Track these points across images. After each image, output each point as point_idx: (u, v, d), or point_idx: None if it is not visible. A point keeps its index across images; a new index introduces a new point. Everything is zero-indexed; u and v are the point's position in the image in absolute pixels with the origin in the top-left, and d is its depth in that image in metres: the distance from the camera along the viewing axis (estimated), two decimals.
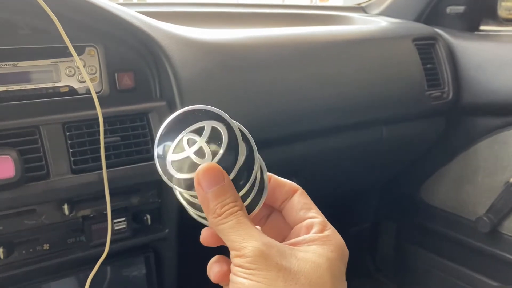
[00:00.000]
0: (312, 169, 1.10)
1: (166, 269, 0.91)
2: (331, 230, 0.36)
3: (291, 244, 0.36)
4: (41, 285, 0.79)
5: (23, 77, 0.72)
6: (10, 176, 0.65)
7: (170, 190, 0.80)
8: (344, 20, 1.34)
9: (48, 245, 0.75)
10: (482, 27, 1.34)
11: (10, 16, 0.71)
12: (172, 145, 0.35)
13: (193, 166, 0.35)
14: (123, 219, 0.78)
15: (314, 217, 0.37)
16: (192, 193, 0.35)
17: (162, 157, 0.35)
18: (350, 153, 1.15)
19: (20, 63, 0.72)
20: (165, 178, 0.35)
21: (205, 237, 0.38)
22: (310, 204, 0.38)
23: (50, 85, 0.74)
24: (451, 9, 1.31)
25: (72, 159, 0.71)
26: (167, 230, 0.85)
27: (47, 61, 0.74)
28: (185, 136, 0.35)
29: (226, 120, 0.35)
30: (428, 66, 1.18)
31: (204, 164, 0.35)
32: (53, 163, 0.70)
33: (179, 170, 0.35)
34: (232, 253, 0.34)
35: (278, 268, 0.32)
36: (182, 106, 0.80)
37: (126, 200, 0.79)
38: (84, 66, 0.76)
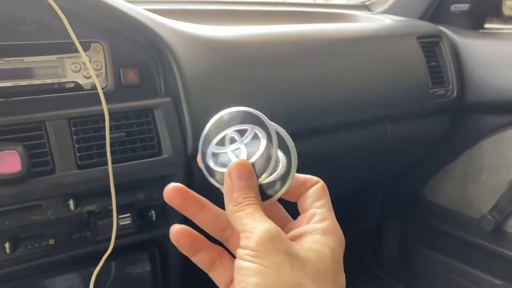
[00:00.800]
0: (316, 167, 1.10)
1: (170, 265, 0.91)
2: (331, 221, 0.37)
3: (295, 235, 0.36)
4: (46, 280, 0.79)
5: (29, 72, 0.73)
6: (16, 171, 0.65)
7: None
8: (349, 18, 1.34)
9: (53, 240, 0.75)
10: (486, 25, 1.34)
11: (17, 12, 0.72)
12: (216, 138, 0.38)
13: (228, 163, 0.38)
14: (128, 214, 0.78)
15: (318, 207, 0.37)
16: (218, 185, 0.38)
17: (205, 146, 0.38)
18: (355, 150, 1.15)
19: (26, 59, 0.72)
20: (201, 166, 0.38)
21: (169, 190, 0.39)
22: (322, 195, 0.38)
23: (56, 80, 0.75)
24: (455, 7, 1.31)
25: (78, 154, 0.71)
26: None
27: (53, 57, 0.74)
28: (229, 134, 0.38)
29: (267, 129, 0.38)
30: (433, 64, 1.18)
31: (239, 160, 0.37)
32: (59, 158, 0.70)
33: (216, 162, 0.38)
34: (242, 235, 0.34)
35: (286, 253, 0.32)
36: (187, 103, 0.81)
37: (131, 196, 0.79)
38: (90, 62, 0.77)
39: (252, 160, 0.37)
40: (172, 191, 0.39)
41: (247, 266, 0.32)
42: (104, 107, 0.70)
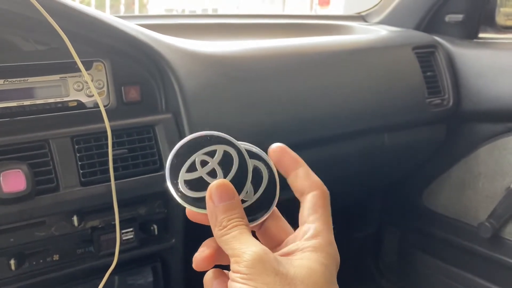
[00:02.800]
0: None
1: (173, 278, 0.92)
2: (323, 237, 0.36)
3: (286, 253, 0.36)
4: None
5: (33, 92, 0.74)
6: (21, 190, 0.67)
7: (176, 201, 0.83)
8: (345, 30, 1.36)
9: (58, 255, 0.76)
10: (480, 35, 1.36)
11: (20, 33, 0.73)
12: (185, 165, 0.37)
13: (204, 186, 0.37)
14: (131, 229, 0.80)
15: (313, 221, 0.37)
16: (201, 211, 0.37)
17: (174, 177, 0.37)
18: (353, 160, 1.16)
19: (30, 79, 0.74)
20: (176, 197, 0.37)
21: (198, 261, 0.38)
22: (318, 207, 0.38)
23: (59, 99, 0.76)
24: (450, 17, 1.33)
25: (81, 171, 0.73)
26: (173, 240, 0.86)
27: (56, 77, 0.76)
28: (197, 157, 0.37)
29: (236, 146, 0.38)
30: (428, 74, 1.19)
31: (218, 180, 0.37)
32: (63, 175, 0.72)
33: (191, 188, 0.37)
34: (232, 260, 0.35)
35: (275, 273, 0.33)
36: (188, 118, 0.82)
37: (134, 210, 0.81)
38: (92, 81, 0.78)
39: (229, 177, 0.37)
40: (202, 262, 0.39)
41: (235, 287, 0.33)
42: (107, 124, 0.71)
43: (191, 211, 0.38)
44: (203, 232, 0.99)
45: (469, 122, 1.26)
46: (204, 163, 0.37)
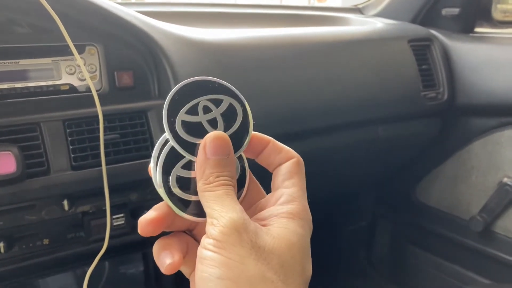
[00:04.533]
0: (308, 168, 1.12)
1: None
2: (299, 203, 0.35)
3: (260, 219, 0.35)
4: (41, 279, 0.80)
5: (25, 75, 0.74)
6: (11, 172, 0.66)
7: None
8: (341, 21, 1.36)
9: (48, 240, 0.76)
10: (476, 29, 1.36)
11: (12, 15, 0.73)
12: (187, 105, 0.34)
13: (201, 133, 0.35)
14: (122, 215, 0.79)
15: (288, 186, 0.36)
16: (189, 156, 0.35)
17: (172, 114, 0.34)
18: (347, 152, 1.16)
19: (22, 61, 0.73)
20: (168, 133, 0.34)
21: (142, 224, 0.36)
22: (294, 173, 0.36)
23: (50, 82, 0.76)
24: (446, 11, 1.33)
25: (72, 155, 0.73)
26: None
27: (48, 59, 0.75)
28: (201, 101, 0.35)
29: (243, 103, 0.36)
30: (424, 67, 1.19)
31: (216, 131, 0.35)
32: (53, 159, 0.71)
33: (187, 131, 0.34)
34: (208, 221, 0.32)
35: (251, 245, 0.31)
36: None
37: (125, 196, 0.80)
38: (84, 65, 0.78)
39: (229, 133, 0.35)
40: (145, 226, 0.36)
41: (210, 256, 0.31)
42: (99, 109, 0.71)
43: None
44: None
45: (464, 116, 1.26)
46: (206, 110, 0.35)
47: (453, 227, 1.31)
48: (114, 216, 0.78)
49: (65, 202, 0.74)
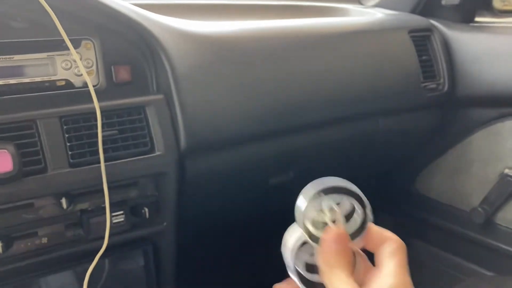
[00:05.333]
0: (308, 161, 1.11)
1: (164, 262, 0.91)
2: (399, 278, 0.38)
3: None
4: (40, 278, 0.79)
5: (20, 70, 0.72)
6: (8, 170, 0.65)
7: (168, 184, 0.81)
8: (340, 12, 1.34)
9: (46, 238, 0.75)
10: (477, 19, 1.35)
11: (6, 10, 0.71)
12: (313, 203, 0.40)
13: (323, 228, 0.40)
14: (121, 212, 0.78)
15: (389, 264, 0.39)
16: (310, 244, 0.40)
17: (301, 209, 0.40)
18: (347, 145, 1.15)
19: (16, 57, 0.72)
20: (300, 224, 0.40)
21: None
22: (396, 252, 0.40)
23: (46, 78, 0.74)
24: (446, 1, 1.31)
25: (70, 152, 0.71)
26: (165, 223, 0.85)
27: (43, 55, 0.74)
28: (325, 201, 0.40)
29: (364, 203, 0.41)
30: (424, 57, 1.18)
31: (337, 230, 0.40)
32: (51, 156, 0.70)
33: (311, 224, 0.40)
34: None
35: None
36: (179, 99, 0.80)
37: (124, 193, 0.79)
38: (80, 60, 0.76)
39: (350, 231, 0.40)
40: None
41: None
42: (96, 104, 0.69)
43: None
44: (195, 216, 0.99)
45: (464, 107, 1.25)
46: (331, 209, 0.40)
47: (454, 219, 1.31)
48: (114, 214, 0.77)
49: (64, 200, 0.73)
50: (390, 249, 0.40)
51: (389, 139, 1.21)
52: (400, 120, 1.18)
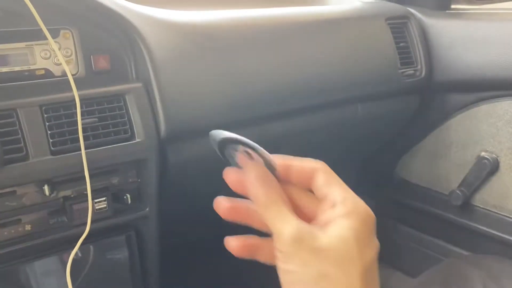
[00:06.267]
0: (289, 149, 1.11)
1: (147, 248, 0.93)
2: (351, 202, 0.38)
3: (320, 225, 0.38)
4: (24, 265, 0.80)
5: None
6: None
7: (149, 170, 0.83)
8: (319, 0, 1.36)
9: (30, 225, 0.76)
10: (453, 6, 1.37)
11: None
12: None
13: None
14: (104, 198, 0.80)
15: (334, 191, 0.39)
16: None
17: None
18: (327, 131, 1.17)
19: None
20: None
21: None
22: (331, 178, 0.40)
23: (25, 68, 0.75)
24: None
25: (51, 140, 0.72)
26: (147, 209, 0.86)
27: (22, 44, 0.75)
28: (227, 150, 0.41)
29: (254, 147, 0.40)
30: (401, 44, 1.20)
31: (255, 171, 0.40)
32: (32, 145, 0.71)
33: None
34: (273, 236, 0.37)
35: (310, 249, 0.35)
36: (158, 87, 0.82)
37: (106, 180, 0.81)
38: (59, 49, 0.77)
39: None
40: (226, 210, 0.41)
41: (279, 266, 0.37)
42: (75, 93, 0.71)
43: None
44: (176, 202, 1.00)
45: (442, 92, 1.27)
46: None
47: (433, 202, 1.34)
48: (96, 200, 0.78)
49: (46, 187, 0.74)
50: (323, 179, 0.39)
51: (368, 125, 1.23)
52: (379, 106, 1.21)
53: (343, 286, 0.35)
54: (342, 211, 0.37)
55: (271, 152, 0.41)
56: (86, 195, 0.74)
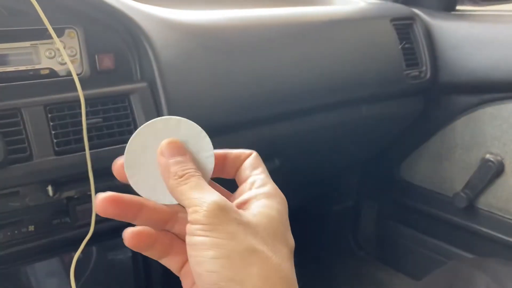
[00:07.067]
0: (294, 149, 1.12)
1: None
2: (272, 185, 0.38)
3: (240, 203, 0.37)
4: (27, 265, 0.80)
5: (3, 59, 0.72)
6: None
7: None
8: (324, 1, 1.35)
9: (33, 226, 0.75)
10: (458, 7, 1.37)
11: None
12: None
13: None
14: None
15: (257, 174, 0.38)
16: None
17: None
18: (331, 132, 1.17)
19: None
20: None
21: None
22: (258, 165, 0.39)
23: (30, 67, 0.74)
24: None
25: (55, 140, 0.72)
26: None
27: (27, 43, 0.74)
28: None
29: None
30: (406, 45, 1.20)
31: (168, 138, 0.38)
32: (36, 145, 0.70)
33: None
34: (190, 210, 0.34)
35: (237, 222, 0.33)
36: (163, 87, 0.81)
37: (110, 181, 0.79)
38: (64, 48, 0.77)
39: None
40: (104, 202, 0.37)
41: (201, 241, 0.32)
42: (80, 93, 0.70)
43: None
44: None
45: (446, 94, 1.27)
46: None
47: (437, 204, 1.33)
48: None
49: (50, 188, 0.74)
50: (251, 161, 0.39)
51: (372, 126, 1.23)
52: (383, 107, 1.20)
53: (273, 265, 0.33)
54: (265, 191, 0.37)
55: (274, 153, 0.41)
56: (90, 195, 0.73)
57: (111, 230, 0.83)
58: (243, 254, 0.32)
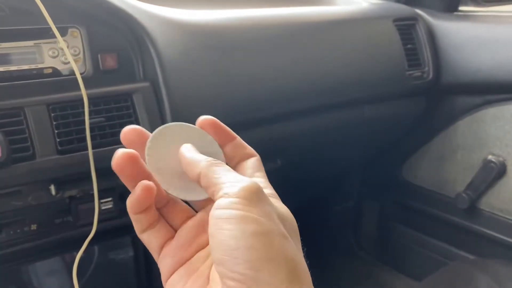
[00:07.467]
0: (296, 149, 1.12)
1: None
2: (272, 189, 0.39)
3: None
4: (29, 264, 0.80)
5: (6, 58, 0.72)
6: None
7: None
8: (326, 1, 1.35)
9: (35, 225, 0.75)
10: (461, 8, 1.36)
11: None
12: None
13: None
14: (110, 199, 0.79)
15: (259, 177, 0.39)
16: None
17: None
18: (334, 132, 1.17)
19: (2, 45, 0.72)
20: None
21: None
22: (259, 167, 0.40)
23: (33, 66, 0.74)
24: None
25: (58, 140, 0.72)
26: None
27: (30, 43, 0.74)
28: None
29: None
30: (409, 46, 1.19)
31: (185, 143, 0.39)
32: (39, 144, 0.70)
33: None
34: (227, 184, 0.33)
35: (271, 205, 0.33)
36: (166, 87, 0.81)
37: (113, 180, 0.79)
38: (67, 47, 0.77)
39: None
40: (123, 159, 0.37)
41: (240, 214, 0.31)
42: (83, 92, 0.70)
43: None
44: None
45: (449, 94, 1.27)
46: None
47: (439, 205, 1.33)
48: (102, 200, 0.78)
49: (52, 187, 0.74)
50: (254, 163, 0.40)
51: (374, 127, 1.23)
52: (386, 107, 1.20)
53: (300, 256, 0.33)
54: (273, 192, 0.38)
55: (276, 153, 0.42)
56: (92, 195, 0.73)
57: (113, 229, 0.83)
58: (279, 237, 0.31)
